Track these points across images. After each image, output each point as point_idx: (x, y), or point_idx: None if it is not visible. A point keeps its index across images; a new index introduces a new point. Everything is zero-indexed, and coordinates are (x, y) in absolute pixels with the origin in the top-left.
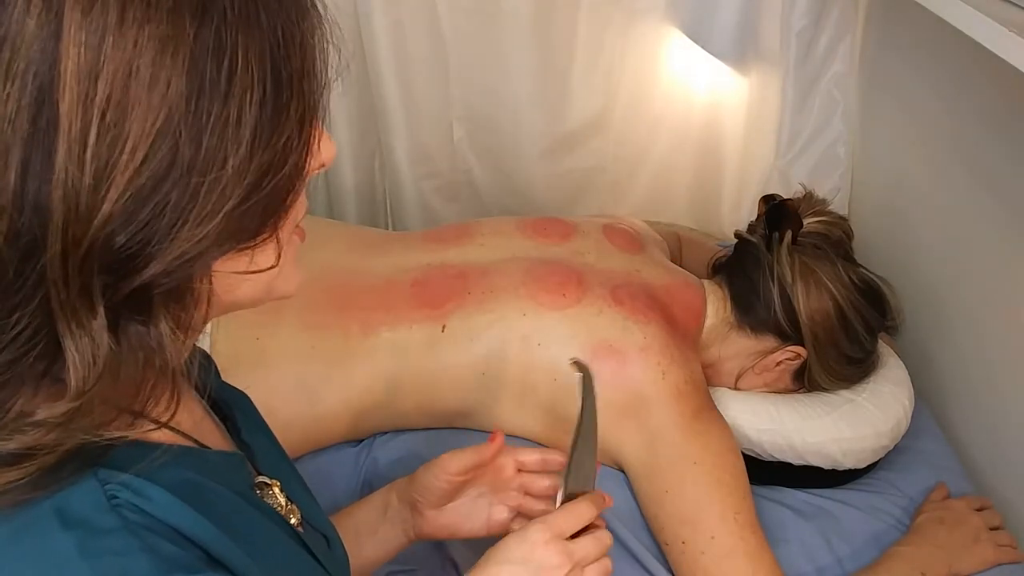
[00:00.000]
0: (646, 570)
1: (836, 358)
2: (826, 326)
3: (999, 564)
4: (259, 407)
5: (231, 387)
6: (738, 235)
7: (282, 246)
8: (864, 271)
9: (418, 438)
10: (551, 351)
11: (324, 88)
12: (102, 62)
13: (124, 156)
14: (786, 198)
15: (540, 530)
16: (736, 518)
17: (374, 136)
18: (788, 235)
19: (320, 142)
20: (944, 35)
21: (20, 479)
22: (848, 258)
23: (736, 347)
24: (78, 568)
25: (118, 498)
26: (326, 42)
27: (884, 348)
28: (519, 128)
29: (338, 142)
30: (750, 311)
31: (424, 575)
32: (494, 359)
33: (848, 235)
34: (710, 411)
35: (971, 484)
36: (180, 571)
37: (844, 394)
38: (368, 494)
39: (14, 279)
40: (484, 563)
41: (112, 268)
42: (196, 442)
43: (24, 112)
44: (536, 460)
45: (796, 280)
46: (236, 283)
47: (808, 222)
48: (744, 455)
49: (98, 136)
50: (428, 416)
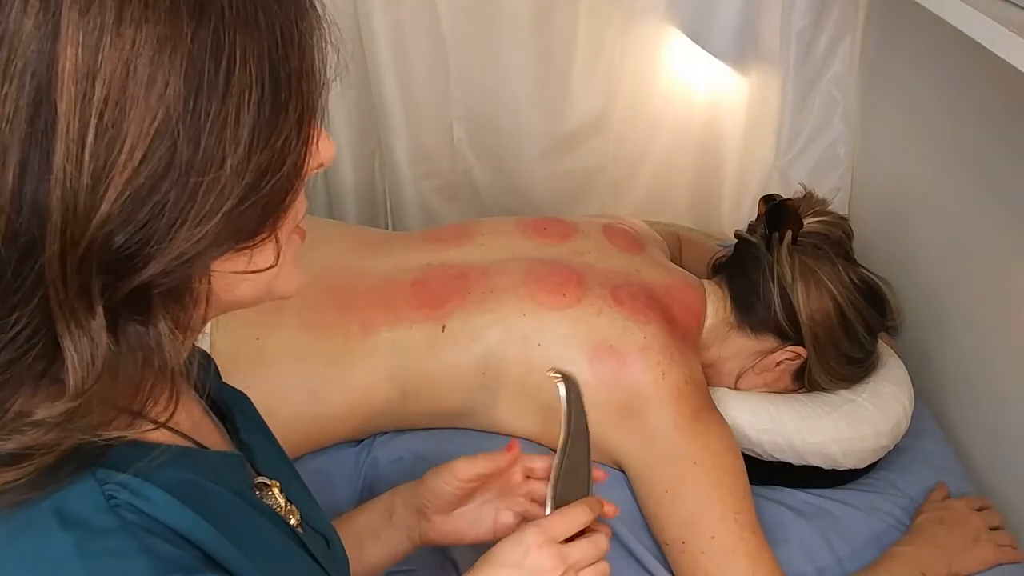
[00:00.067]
0: (646, 570)
1: (836, 358)
2: (826, 326)
3: (999, 564)
4: (259, 407)
5: (231, 387)
6: (738, 235)
7: (281, 246)
8: (864, 271)
9: (418, 438)
10: (551, 351)
11: (323, 88)
12: (100, 62)
13: (122, 156)
14: (786, 198)
15: (534, 533)
16: (736, 518)
17: (374, 136)
18: (788, 235)
19: (319, 142)
20: (944, 35)
21: (18, 479)
22: (848, 258)
23: (736, 347)
24: (76, 568)
25: (116, 498)
26: (324, 42)
27: (884, 348)
28: (519, 128)
29: (338, 142)
30: (750, 311)
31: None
32: (494, 359)
33: (848, 235)
34: (710, 411)
35: (971, 484)
36: (177, 571)
37: (844, 394)
38: (368, 494)
39: (12, 279)
40: (480, 566)
41: (111, 268)
42: (195, 442)
43: (22, 112)
44: (545, 467)
45: (796, 280)
46: (235, 283)
47: (808, 222)
48: (744, 455)
49: (96, 136)
50: (428, 416)
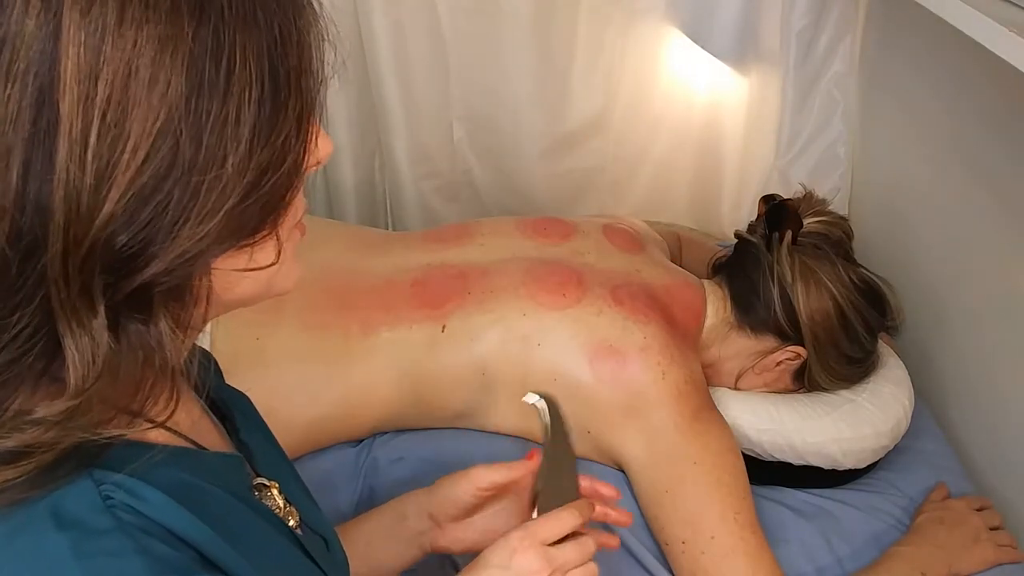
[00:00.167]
0: (646, 570)
1: (836, 358)
2: (826, 326)
3: (999, 564)
4: (259, 407)
5: (231, 387)
6: (738, 235)
7: (282, 243)
8: (864, 271)
9: (418, 438)
10: (551, 351)
11: (321, 85)
12: (102, 62)
13: (125, 156)
14: (786, 198)
15: (521, 536)
16: (736, 518)
17: (374, 136)
18: (788, 235)
19: (317, 139)
20: (944, 35)
21: (17, 477)
22: (848, 258)
23: (736, 347)
24: (71, 569)
25: (113, 499)
26: (322, 39)
27: (884, 348)
28: (519, 128)
29: (338, 142)
30: (750, 311)
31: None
32: (494, 359)
33: (848, 235)
34: (710, 411)
35: (971, 484)
36: (173, 573)
37: (844, 394)
38: (368, 494)
39: (15, 279)
40: (470, 569)
41: (113, 267)
42: (193, 443)
43: (25, 113)
44: (599, 512)
45: (796, 280)
46: (236, 281)
47: (808, 222)
48: (744, 455)
49: (99, 136)
50: (428, 416)
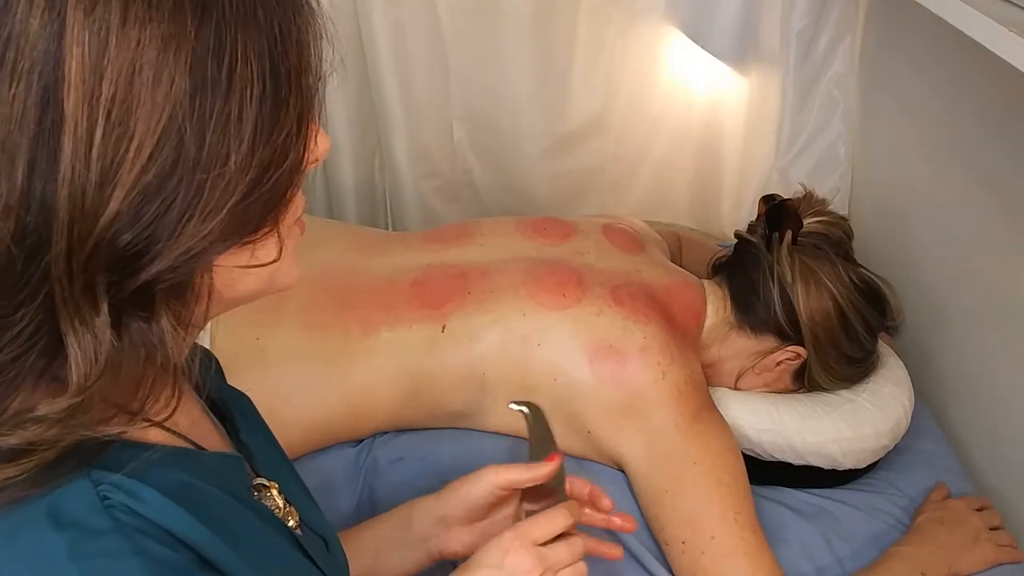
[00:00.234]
0: (646, 570)
1: (836, 358)
2: (826, 326)
3: (999, 564)
4: (259, 407)
5: (231, 388)
6: (738, 235)
7: (283, 240)
8: (864, 271)
9: (418, 438)
10: (551, 351)
11: (320, 82)
12: (106, 61)
13: (130, 154)
14: (786, 198)
15: (513, 536)
16: (736, 518)
17: (374, 136)
18: (788, 235)
19: (316, 137)
20: (944, 35)
21: (19, 475)
22: (848, 258)
23: (736, 347)
24: (68, 570)
25: (110, 499)
26: (320, 37)
27: (884, 348)
28: (519, 128)
29: (338, 142)
30: (750, 311)
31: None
32: (494, 359)
33: (848, 235)
34: (710, 411)
35: (971, 484)
36: (171, 573)
37: (844, 394)
38: (368, 494)
39: (19, 277)
40: (462, 570)
41: (117, 266)
42: (192, 443)
43: (30, 112)
44: (601, 519)
45: (796, 280)
46: (238, 278)
47: (808, 222)
48: (744, 455)
49: (104, 135)
50: (428, 416)
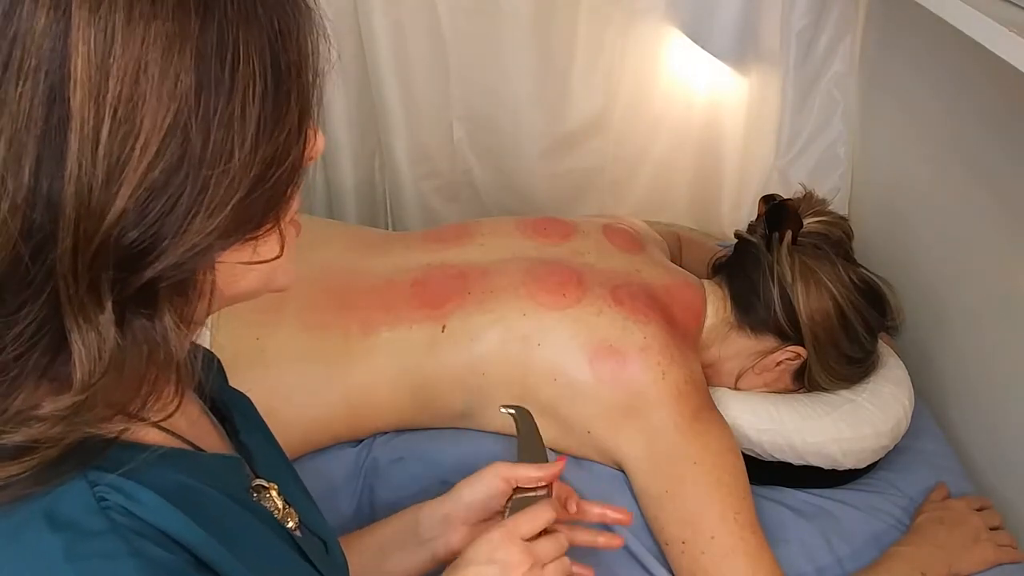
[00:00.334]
0: (646, 570)
1: (836, 358)
2: (826, 326)
3: (999, 564)
4: (259, 407)
5: (232, 388)
6: (738, 235)
7: (285, 237)
8: (864, 271)
9: (418, 438)
10: (551, 351)
11: (319, 80)
12: (112, 59)
13: (136, 152)
14: (786, 198)
15: (500, 531)
16: (736, 518)
17: (374, 136)
18: (788, 235)
19: (315, 134)
20: (944, 35)
21: (21, 473)
22: (848, 258)
23: (736, 347)
24: (64, 571)
25: (107, 500)
26: (317, 34)
27: (884, 348)
28: (519, 128)
29: (338, 142)
30: (750, 311)
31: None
32: (494, 359)
33: (848, 235)
34: (710, 411)
35: (971, 484)
36: (167, 575)
37: (844, 394)
38: (368, 494)
39: (24, 275)
40: (453, 569)
41: (122, 263)
42: (191, 444)
43: (37, 110)
44: (597, 513)
45: (796, 280)
46: (240, 275)
47: (808, 222)
48: (744, 455)
49: (110, 132)
50: (428, 416)
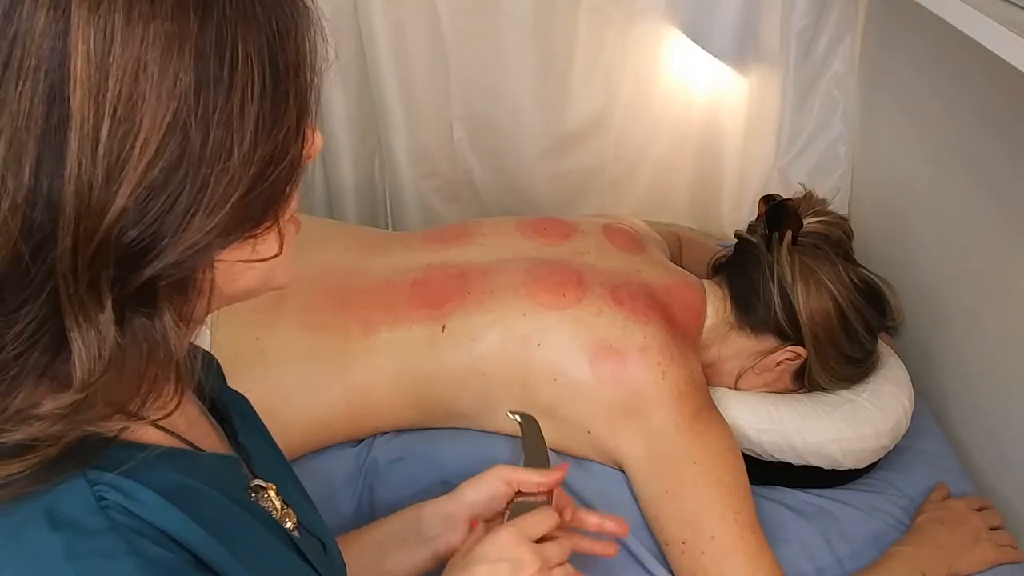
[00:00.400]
0: (646, 570)
1: (836, 358)
2: (826, 326)
3: (999, 564)
4: (259, 407)
5: (230, 389)
6: (738, 235)
7: (284, 235)
8: (864, 271)
9: (418, 438)
10: (551, 351)
11: (317, 79)
12: (111, 58)
13: (136, 150)
14: (786, 198)
15: (511, 532)
16: (736, 518)
17: (374, 136)
18: (788, 235)
19: (313, 133)
20: (944, 35)
21: (22, 471)
22: (848, 258)
23: (736, 347)
24: (64, 569)
25: (106, 499)
26: (314, 33)
27: (884, 348)
28: (519, 128)
29: (338, 142)
30: (750, 311)
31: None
32: (494, 359)
33: (848, 235)
34: (710, 411)
35: (971, 484)
36: (166, 574)
37: (844, 394)
38: (368, 494)
39: (24, 274)
40: (455, 568)
41: (122, 262)
42: (190, 444)
43: (37, 109)
44: (595, 523)
45: (796, 280)
46: (240, 273)
47: (808, 222)
48: (744, 455)
49: (110, 131)
50: (428, 416)
